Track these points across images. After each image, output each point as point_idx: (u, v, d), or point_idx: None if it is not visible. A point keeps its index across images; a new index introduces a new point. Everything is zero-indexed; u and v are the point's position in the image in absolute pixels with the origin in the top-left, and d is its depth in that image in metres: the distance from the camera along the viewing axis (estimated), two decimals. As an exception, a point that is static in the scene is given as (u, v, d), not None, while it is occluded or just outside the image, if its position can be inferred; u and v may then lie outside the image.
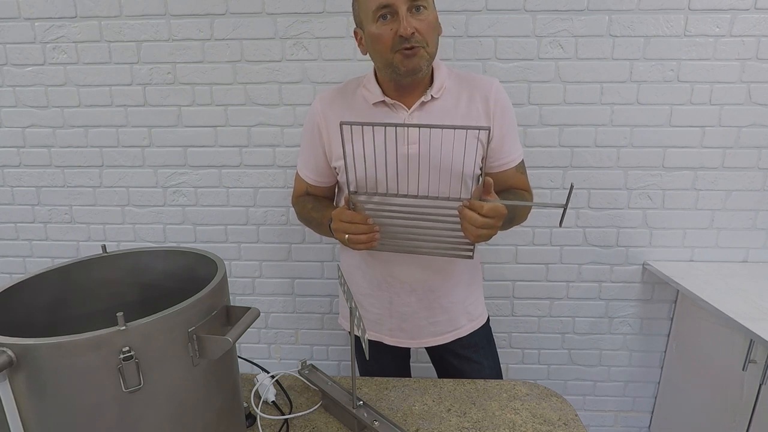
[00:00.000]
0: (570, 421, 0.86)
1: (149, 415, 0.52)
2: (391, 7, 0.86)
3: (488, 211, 0.81)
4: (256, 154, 1.59)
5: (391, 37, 0.88)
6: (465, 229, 0.84)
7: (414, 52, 0.88)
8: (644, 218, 1.58)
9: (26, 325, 0.62)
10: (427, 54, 0.90)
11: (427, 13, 0.88)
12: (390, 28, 0.88)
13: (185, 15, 1.48)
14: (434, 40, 0.92)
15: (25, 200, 1.67)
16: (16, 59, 1.53)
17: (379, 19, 0.88)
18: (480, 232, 0.82)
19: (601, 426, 1.80)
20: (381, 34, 0.88)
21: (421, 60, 0.90)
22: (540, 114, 1.51)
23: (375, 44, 0.91)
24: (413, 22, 0.87)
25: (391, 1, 0.85)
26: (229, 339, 0.54)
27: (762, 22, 1.40)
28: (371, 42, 0.92)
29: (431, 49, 0.91)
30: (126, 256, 0.73)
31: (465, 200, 0.82)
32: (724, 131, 1.49)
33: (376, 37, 0.90)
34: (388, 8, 0.86)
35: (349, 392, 0.85)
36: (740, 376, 1.28)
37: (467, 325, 1.11)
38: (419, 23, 0.87)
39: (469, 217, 0.81)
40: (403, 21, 0.86)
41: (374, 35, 0.90)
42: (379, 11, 0.87)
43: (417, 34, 0.87)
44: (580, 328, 1.70)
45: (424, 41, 0.89)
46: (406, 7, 0.86)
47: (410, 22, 0.86)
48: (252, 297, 1.74)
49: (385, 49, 0.90)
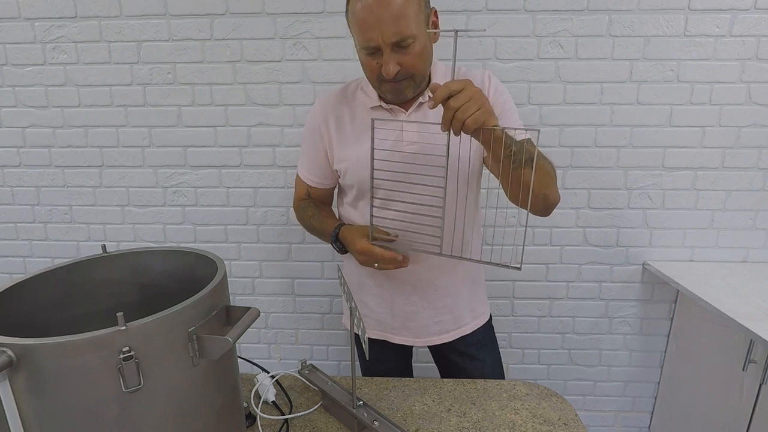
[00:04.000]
0: (570, 421, 0.86)
1: (149, 415, 0.52)
2: (376, 47, 0.85)
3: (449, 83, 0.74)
4: (256, 154, 1.59)
5: (377, 69, 0.88)
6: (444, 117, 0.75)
7: (399, 86, 0.89)
8: (644, 218, 1.58)
9: (26, 325, 0.62)
10: (414, 83, 0.91)
11: (413, 47, 0.85)
12: (376, 63, 0.87)
13: (185, 15, 1.48)
14: (422, 67, 0.90)
15: (25, 200, 1.67)
16: (16, 59, 1.53)
17: (367, 54, 0.88)
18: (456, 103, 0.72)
19: (601, 426, 1.80)
20: (367, 64, 0.90)
21: (407, 90, 0.91)
22: (540, 114, 1.51)
23: (364, 69, 0.93)
24: (398, 59, 0.85)
25: (376, 43, 0.84)
26: (229, 339, 0.54)
27: (762, 22, 1.40)
28: (361, 64, 0.93)
29: (419, 77, 0.91)
30: (126, 256, 0.73)
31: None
32: (724, 131, 1.49)
33: (364, 65, 0.91)
34: (374, 47, 0.85)
35: (349, 392, 0.85)
36: (740, 376, 1.28)
37: (471, 323, 1.11)
38: (404, 58, 0.86)
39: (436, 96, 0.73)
40: (386, 65, 0.85)
41: (362, 62, 0.91)
42: (365, 49, 0.87)
43: (402, 70, 0.87)
44: (580, 328, 1.70)
45: (409, 74, 0.88)
46: (390, 48, 0.84)
47: (394, 62, 0.85)
48: (252, 297, 1.74)
49: (372, 77, 0.92)
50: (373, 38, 0.83)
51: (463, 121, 0.73)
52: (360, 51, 0.90)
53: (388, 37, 0.82)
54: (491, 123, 0.75)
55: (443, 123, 0.75)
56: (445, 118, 0.75)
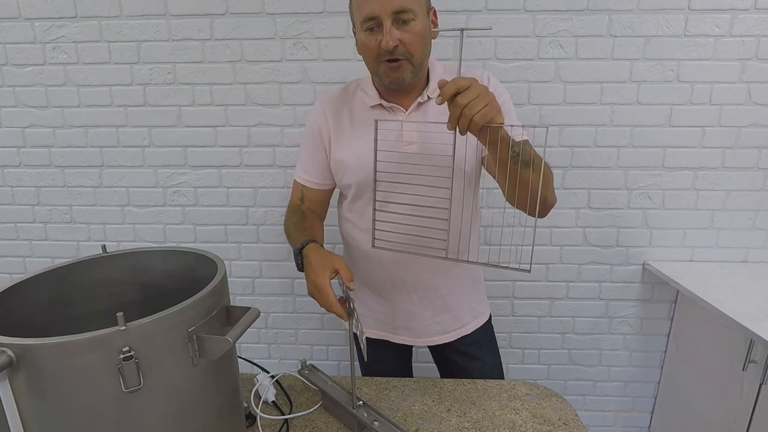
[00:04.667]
0: (570, 421, 0.86)
1: (149, 415, 0.52)
2: (377, 20, 0.86)
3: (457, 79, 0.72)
4: (256, 154, 1.59)
5: (376, 48, 0.89)
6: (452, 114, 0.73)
7: (398, 65, 0.89)
8: (644, 218, 1.58)
9: (26, 325, 0.62)
10: (412, 65, 0.91)
11: (413, 24, 0.87)
12: (375, 39, 0.88)
13: (185, 15, 1.48)
14: (421, 50, 0.91)
15: (25, 200, 1.67)
16: (16, 59, 1.53)
17: (367, 29, 0.89)
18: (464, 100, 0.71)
19: (601, 426, 1.80)
20: (367, 43, 0.90)
21: (404, 72, 0.91)
22: (540, 114, 1.51)
23: (363, 52, 0.94)
24: (397, 35, 0.86)
25: (376, 14, 0.85)
26: (229, 339, 0.54)
27: (762, 22, 1.40)
28: (360, 49, 0.94)
29: (416, 60, 0.91)
30: (126, 256, 0.73)
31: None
32: (724, 131, 1.49)
33: (363, 46, 0.92)
34: (374, 20, 0.87)
35: (349, 392, 0.85)
36: (740, 376, 1.28)
37: (471, 322, 1.11)
38: (404, 35, 0.87)
39: (444, 91, 0.72)
40: (386, 35, 0.86)
41: (362, 43, 0.92)
42: (366, 23, 0.88)
43: (401, 46, 0.87)
44: (580, 328, 1.70)
45: (408, 53, 0.89)
46: (391, 20, 0.86)
47: (394, 35, 0.86)
48: (252, 297, 1.74)
49: (371, 59, 0.92)
50: (375, 9, 0.85)
51: (471, 117, 0.71)
52: (360, 30, 0.90)
53: (389, 5, 0.84)
54: (498, 120, 0.74)
55: (450, 120, 0.74)
56: (452, 115, 0.73)
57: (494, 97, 0.74)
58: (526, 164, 0.82)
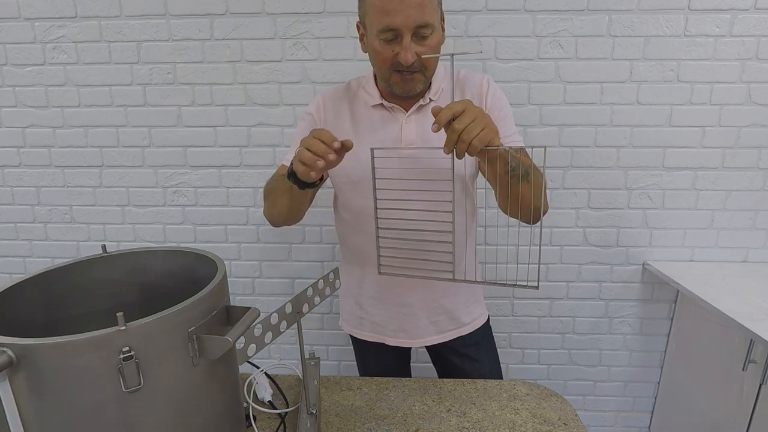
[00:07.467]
0: (570, 421, 0.86)
1: (149, 415, 0.52)
2: (396, 32, 0.84)
3: (452, 104, 0.72)
4: (256, 154, 1.59)
5: (391, 58, 0.87)
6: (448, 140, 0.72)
7: (411, 77, 0.88)
8: (644, 218, 1.58)
9: (26, 325, 0.62)
10: (424, 77, 0.90)
11: (431, 38, 0.85)
12: (392, 50, 0.86)
13: (185, 15, 1.48)
14: (435, 63, 0.91)
15: (25, 200, 1.67)
16: (16, 59, 1.53)
17: (383, 39, 0.86)
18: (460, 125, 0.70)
19: (601, 426, 1.80)
20: (382, 52, 0.87)
21: (417, 84, 0.90)
22: (540, 114, 1.51)
23: (374, 58, 0.90)
24: (415, 49, 0.85)
25: (398, 26, 0.83)
26: (229, 339, 0.54)
27: (762, 22, 1.40)
28: (371, 53, 0.91)
29: (430, 72, 0.91)
30: (126, 256, 0.73)
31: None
32: (724, 131, 1.49)
33: (376, 52, 0.89)
34: (393, 32, 0.84)
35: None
36: (740, 376, 1.28)
37: (469, 324, 1.11)
38: (422, 49, 0.86)
39: (439, 118, 0.71)
40: (406, 50, 0.84)
41: (375, 50, 0.88)
42: (384, 33, 0.85)
43: (417, 61, 0.86)
44: (580, 328, 1.70)
45: (422, 66, 0.88)
46: (411, 33, 0.83)
47: (412, 50, 0.84)
48: (252, 297, 1.74)
49: (384, 67, 0.89)
50: (395, 22, 0.82)
51: (469, 142, 0.71)
52: (376, 38, 0.87)
53: (412, 20, 0.82)
54: (496, 142, 0.74)
55: (447, 145, 0.73)
56: (449, 141, 0.72)
57: (490, 119, 0.74)
58: (521, 177, 0.84)
